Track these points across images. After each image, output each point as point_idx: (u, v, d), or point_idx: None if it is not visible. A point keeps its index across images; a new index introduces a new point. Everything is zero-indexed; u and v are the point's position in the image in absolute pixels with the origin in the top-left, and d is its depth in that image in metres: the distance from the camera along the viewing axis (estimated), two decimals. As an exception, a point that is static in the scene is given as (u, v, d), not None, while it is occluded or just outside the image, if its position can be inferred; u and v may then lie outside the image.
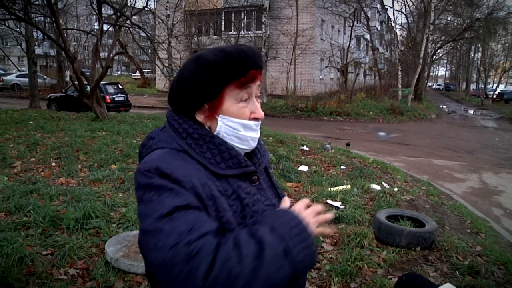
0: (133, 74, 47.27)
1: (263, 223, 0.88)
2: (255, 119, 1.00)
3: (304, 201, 0.97)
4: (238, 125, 0.98)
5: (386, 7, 35.41)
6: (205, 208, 0.88)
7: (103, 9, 12.10)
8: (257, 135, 1.03)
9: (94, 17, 27.52)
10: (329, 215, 1.00)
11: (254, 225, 0.92)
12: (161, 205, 0.84)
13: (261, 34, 23.14)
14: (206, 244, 0.79)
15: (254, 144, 1.03)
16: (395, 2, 25.69)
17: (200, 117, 0.99)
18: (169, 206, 0.83)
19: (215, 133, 0.99)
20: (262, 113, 1.02)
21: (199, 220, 0.83)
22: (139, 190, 0.90)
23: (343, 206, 4.71)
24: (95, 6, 12.42)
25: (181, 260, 0.77)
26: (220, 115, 0.98)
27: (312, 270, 3.21)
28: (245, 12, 25.33)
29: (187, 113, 1.00)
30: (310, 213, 0.93)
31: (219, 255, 0.78)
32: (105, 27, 12.98)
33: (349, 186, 5.58)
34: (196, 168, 0.93)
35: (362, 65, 36.30)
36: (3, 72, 31.58)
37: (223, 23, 26.21)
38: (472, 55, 44.62)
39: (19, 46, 28.39)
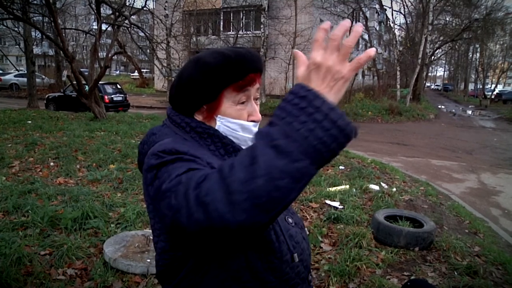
0: (131, 74, 47.17)
1: None
2: (253, 121, 1.02)
3: (316, 42, 0.72)
4: (236, 125, 0.99)
5: (384, 7, 35.41)
6: None
7: (101, 8, 12.09)
8: None
9: (93, 16, 27.51)
10: (353, 37, 0.71)
11: None
12: (178, 168, 0.80)
13: (260, 34, 23.14)
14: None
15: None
16: (393, 2, 25.72)
17: (198, 117, 1.01)
18: (185, 168, 0.80)
19: None
20: (260, 115, 1.03)
21: None
22: (150, 171, 0.87)
23: (342, 207, 4.71)
24: (93, 6, 12.40)
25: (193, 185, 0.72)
26: (219, 116, 0.99)
27: (311, 270, 3.21)
28: (244, 12, 25.30)
29: (186, 113, 1.02)
30: (324, 57, 0.70)
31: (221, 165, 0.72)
32: (103, 26, 12.96)
33: (347, 186, 5.58)
34: (207, 152, 0.95)
35: (361, 65, 36.27)
36: (1, 71, 31.51)
37: (221, 23, 26.19)
38: (471, 55, 44.72)
39: (17, 46, 28.32)
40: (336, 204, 4.79)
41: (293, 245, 1.00)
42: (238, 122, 0.99)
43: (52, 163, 6.10)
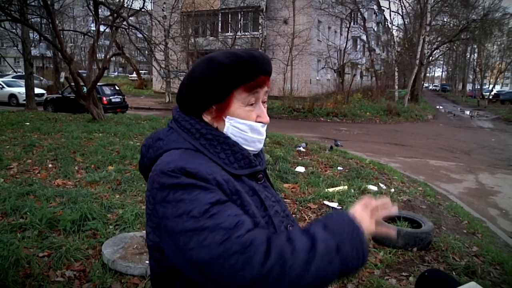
0: (130, 75, 47.12)
1: (315, 222, 0.90)
2: (261, 122, 1.02)
3: (364, 201, 1.01)
4: (245, 126, 0.99)
5: (382, 8, 35.49)
6: (233, 202, 0.90)
7: (99, 10, 12.09)
8: (263, 137, 1.04)
9: (91, 18, 27.45)
10: (393, 210, 1.02)
11: (272, 218, 0.98)
12: (195, 203, 0.84)
13: (258, 35, 23.17)
14: (257, 236, 0.81)
15: (260, 146, 1.05)
16: (391, 3, 25.75)
17: (207, 118, 1.01)
18: (204, 202, 0.84)
19: None
20: (268, 117, 1.04)
21: (239, 214, 0.86)
22: (162, 191, 0.88)
23: (340, 207, 4.72)
24: (91, 7, 12.40)
25: (236, 251, 0.78)
26: (228, 116, 0.99)
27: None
28: (242, 13, 25.33)
29: (195, 113, 1.01)
30: (364, 213, 0.97)
31: (273, 246, 0.80)
32: (101, 28, 12.96)
33: (346, 187, 5.59)
34: (216, 166, 0.95)
35: (359, 66, 36.38)
36: (-1, 73, 31.47)
37: (219, 24, 26.21)
38: (468, 56, 44.87)
39: (15, 47, 28.26)
40: (334, 204, 4.79)
41: None
42: (247, 123, 0.99)
43: (50, 165, 6.09)
